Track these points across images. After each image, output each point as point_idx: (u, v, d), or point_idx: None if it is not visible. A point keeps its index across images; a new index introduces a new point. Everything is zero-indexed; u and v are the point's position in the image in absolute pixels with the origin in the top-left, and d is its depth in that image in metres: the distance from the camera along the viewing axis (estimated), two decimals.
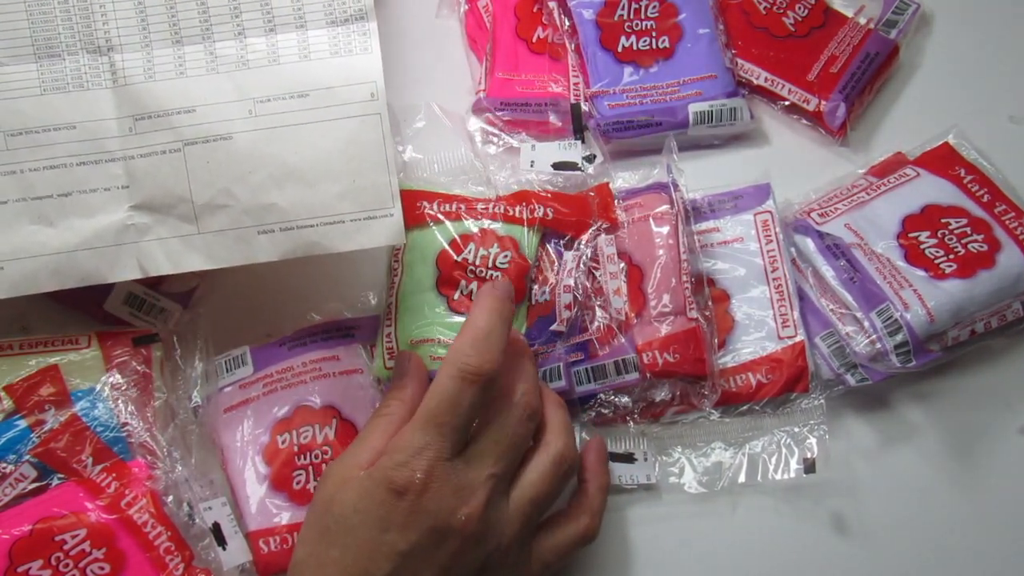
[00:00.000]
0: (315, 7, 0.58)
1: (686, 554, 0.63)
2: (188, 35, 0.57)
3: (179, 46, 0.57)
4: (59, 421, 0.57)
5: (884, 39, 0.72)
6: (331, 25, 0.58)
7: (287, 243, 0.57)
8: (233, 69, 0.57)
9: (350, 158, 0.57)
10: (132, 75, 0.57)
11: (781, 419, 0.63)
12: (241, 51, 0.57)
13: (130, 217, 0.57)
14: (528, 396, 0.55)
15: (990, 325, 0.64)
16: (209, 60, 0.57)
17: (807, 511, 0.63)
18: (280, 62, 0.57)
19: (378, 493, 0.51)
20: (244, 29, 0.57)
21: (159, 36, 0.57)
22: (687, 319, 0.62)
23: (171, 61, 0.57)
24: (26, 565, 0.54)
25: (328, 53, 0.58)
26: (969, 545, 0.63)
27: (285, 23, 0.57)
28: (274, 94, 0.57)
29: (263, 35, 0.57)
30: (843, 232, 0.65)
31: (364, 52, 0.58)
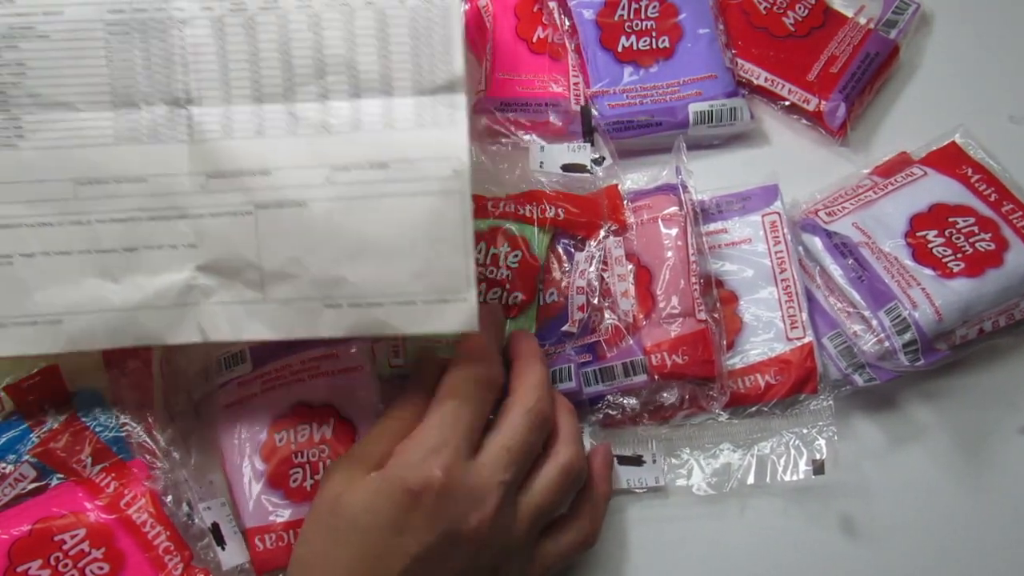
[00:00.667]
0: (403, 73, 0.54)
1: (694, 556, 0.62)
2: (269, 93, 0.54)
3: (259, 104, 0.54)
4: (58, 421, 0.57)
5: (884, 39, 0.73)
6: (418, 94, 0.54)
7: (354, 320, 0.54)
8: (313, 133, 0.54)
9: (428, 237, 0.54)
10: (209, 131, 0.54)
11: (789, 420, 0.63)
12: (323, 114, 0.54)
13: (195, 278, 0.54)
14: (541, 403, 0.55)
15: (998, 324, 0.63)
16: (289, 121, 0.54)
17: (816, 512, 0.63)
18: (362, 129, 0.54)
19: (393, 494, 0.50)
20: (328, 91, 0.54)
21: (240, 92, 0.54)
22: (696, 320, 0.61)
23: (250, 119, 0.54)
24: (25, 565, 0.53)
25: (413, 123, 0.54)
26: (978, 546, 0.63)
27: (371, 88, 0.54)
28: (353, 162, 0.54)
29: (347, 99, 0.54)
30: (851, 231, 0.65)
31: (450, 125, 0.54)
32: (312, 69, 0.53)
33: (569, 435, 0.56)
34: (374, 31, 0.53)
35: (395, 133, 0.54)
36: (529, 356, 0.57)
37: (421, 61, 0.54)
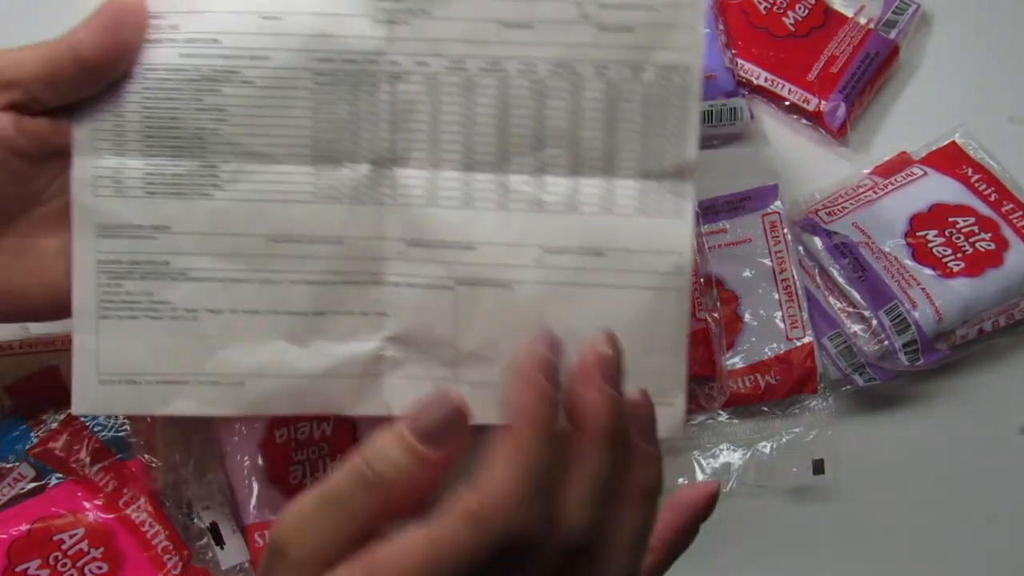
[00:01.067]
0: (629, 153, 0.48)
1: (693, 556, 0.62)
2: (481, 161, 0.48)
3: (469, 172, 0.48)
4: (58, 421, 0.57)
5: (884, 39, 0.73)
6: (643, 177, 0.48)
7: None
8: (525, 209, 0.48)
9: (640, 334, 0.48)
10: (414, 195, 0.49)
11: (789, 420, 0.63)
12: (537, 190, 0.48)
13: (384, 348, 0.49)
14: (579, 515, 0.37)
15: (998, 324, 0.63)
16: (500, 193, 0.48)
17: (816, 513, 0.63)
18: (579, 211, 0.48)
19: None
20: (545, 165, 0.48)
21: (449, 156, 0.48)
22: (696, 320, 0.61)
23: (458, 187, 0.49)
24: (24, 565, 0.53)
25: (634, 210, 0.48)
26: (978, 546, 0.63)
27: (592, 166, 0.48)
28: (566, 246, 0.48)
29: (565, 176, 0.48)
30: (851, 231, 0.65)
31: (675, 215, 0.48)
32: (530, 140, 0.48)
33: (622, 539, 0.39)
34: (603, 105, 0.48)
35: (614, 218, 0.48)
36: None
37: (651, 142, 0.48)
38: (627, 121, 0.47)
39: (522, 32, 0.47)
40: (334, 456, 0.60)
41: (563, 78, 0.47)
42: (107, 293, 0.46)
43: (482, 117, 0.47)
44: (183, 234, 0.47)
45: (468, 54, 0.47)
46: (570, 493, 0.37)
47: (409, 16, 0.46)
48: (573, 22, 0.47)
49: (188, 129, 0.46)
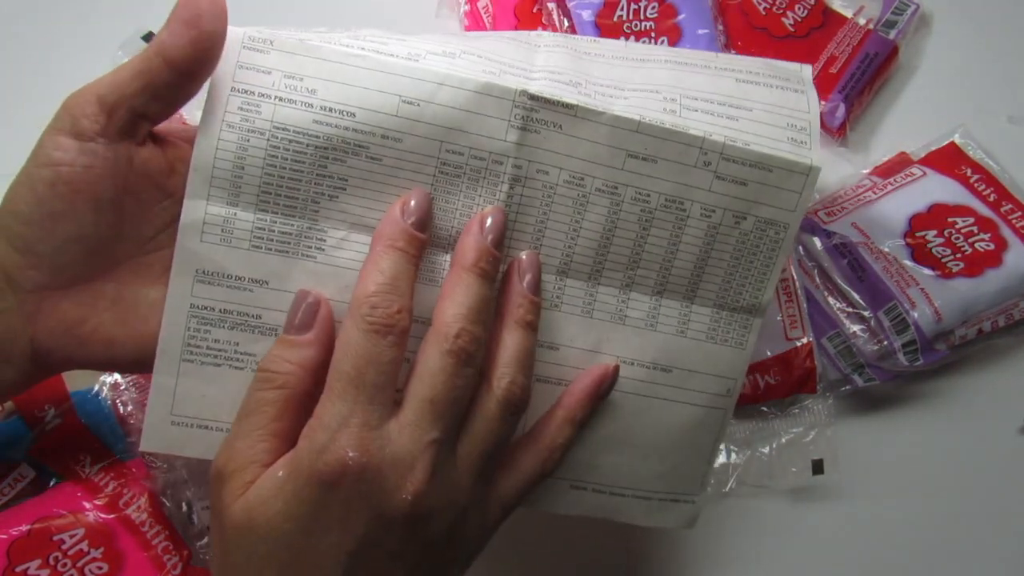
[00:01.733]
0: (711, 285, 0.52)
1: (692, 557, 0.62)
2: (576, 270, 0.51)
3: (563, 278, 0.51)
4: (58, 421, 0.57)
5: (883, 39, 0.73)
6: (718, 307, 0.52)
7: (592, 504, 0.53)
8: (607, 320, 0.51)
9: (684, 444, 0.53)
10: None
11: (789, 420, 0.63)
12: (622, 305, 0.52)
13: None
14: (462, 336, 0.44)
15: (997, 324, 0.63)
16: (587, 301, 0.51)
17: (815, 512, 0.63)
18: (656, 329, 0.52)
19: (307, 491, 0.42)
20: (633, 283, 0.51)
21: (548, 260, 0.50)
22: None
23: (550, 289, 0.51)
24: (24, 565, 0.53)
25: (704, 335, 0.53)
26: (978, 546, 0.63)
27: (675, 291, 0.52)
28: (639, 360, 0.52)
29: (649, 295, 0.51)
30: (850, 231, 0.65)
31: (738, 347, 0.53)
32: (626, 258, 0.51)
33: (509, 357, 0.47)
34: (700, 241, 0.51)
35: (685, 341, 0.52)
36: (457, 270, 0.46)
37: (732, 279, 0.52)
38: (718, 259, 0.51)
39: (645, 165, 0.49)
40: None
41: (671, 211, 0.50)
42: (194, 337, 0.47)
43: (587, 231, 0.50)
44: (279, 291, 0.47)
45: (589, 173, 0.49)
46: (446, 305, 0.45)
47: (543, 127, 0.48)
48: (694, 166, 0.49)
49: (306, 191, 0.46)
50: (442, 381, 0.44)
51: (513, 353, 0.47)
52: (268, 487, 0.42)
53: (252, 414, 0.44)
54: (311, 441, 0.42)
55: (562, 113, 0.47)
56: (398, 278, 0.44)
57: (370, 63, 0.45)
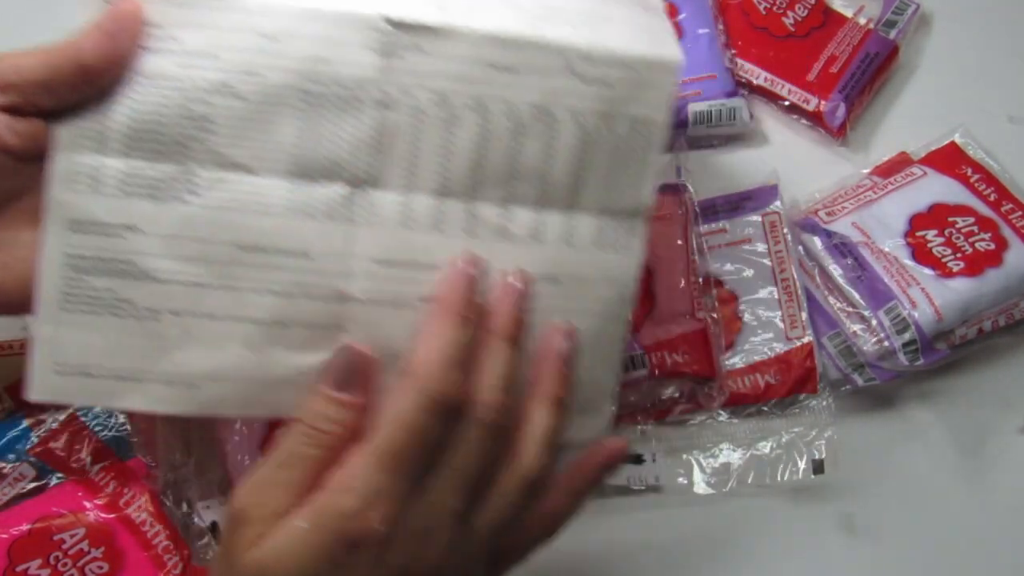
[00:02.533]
0: (592, 191, 0.52)
1: (694, 556, 0.62)
2: (454, 190, 0.51)
3: (441, 198, 0.50)
4: (58, 420, 0.57)
5: (884, 39, 0.73)
6: (601, 214, 0.52)
7: None
8: (491, 237, 0.51)
9: (585, 354, 0.52)
10: (386, 216, 0.51)
11: (789, 420, 0.63)
12: (504, 220, 0.51)
13: None
14: (496, 398, 0.45)
15: (997, 323, 0.63)
16: (468, 220, 0.51)
17: (816, 512, 0.63)
18: (541, 241, 0.52)
19: (327, 549, 0.42)
20: (513, 197, 0.51)
21: (424, 183, 0.50)
22: (695, 320, 0.61)
23: (429, 212, 0.51)
24: (25, 564, 0.53)
25: (591, 243, 0.52)
26: (978, 546, 0.63)
27: (557, 199, 0.51)
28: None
29: (530, 208, 0.51)
30: (850, 231, 0.65)
31: (626, 250, 0.53)
32: (503, 174, 0.51)
33: (535, 436, 0.47)
34: (573, 148, 0.51)
35: (572, 251, 0.52)
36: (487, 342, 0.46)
37: (612, 184, 0.52)
38: (595, 165, 0.51)
39: (509, 76, 0.49)
40: None
41: (542, 121, 0.50)
42: (71, 286, 0.47)
43: (460, 150, 0.50)
44: (152, 236, 0.47)
45: (455, 91, 0.49)
46: (482, 377, 0.45)
47: (405, 51, 0.48)
48: (558, 72, 0.49)
49: (172, 135, 0.46)
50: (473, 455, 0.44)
51: (543, 432, 0.47)
52: (287, 541, 0.42)
53: (289, 467, 0.44)
54: (341, 503, 0.42)
55: (424, 35, 0.47)
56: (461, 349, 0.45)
57: (226, 4, 0.46)
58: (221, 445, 0.61)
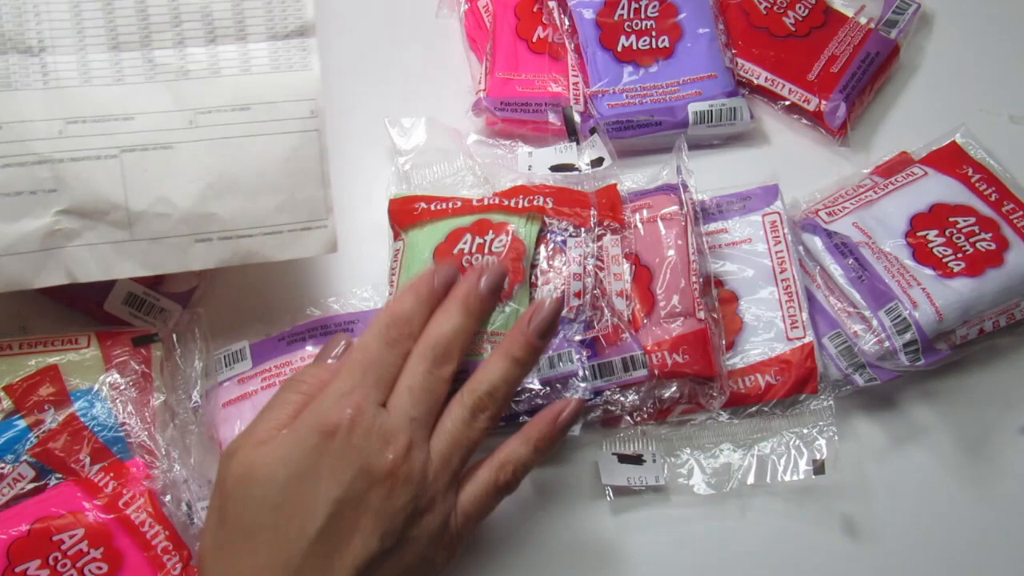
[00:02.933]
0: (256, 20, 0.58)
1: (694, 556, 0.62)
2: (126, 41, 0.56)
3: (116, 52, 0.56)
4: (58, 421, 0.57)
5: (884, 39, 0.73)
6: (271, 39, 0.58)
7: (224, 252, 0.58)
8: (173, 79, 0.57)
9: (289, 172, 0.58)
10: (65, 78, 0.56)
11: (790, 420, 0.63)
12: (181, 61, 0.57)
13: (57, 222, 0.56)
14: (443, 339, 0.54)
15: (998, 323, 0.63)
16: (148, 68, 0.57)
17: (816, 512, 0.63)
18: (221, 74, 0.58)
19: (307, 439, 0.49)
20: (184, 39, 0.57)
21: (95, 40, 0.56)
22: (696, 320, 0.61)
23: (108, 67, 0.56)
24: (24, 565, 0.53)
25: (269, 67, 0.58)
26: (978, 545, 0.63)
27: (226, 35, 0.58)
28: (215, 106, 0.57)
29: (203, 46, 0.57)
30: (851, 231, 0.65)
31: (304, 69, 0.59)
32: (168, 18, 0.56)
33: (487, 378, 0.54)
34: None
35: (253, 77, 0.58)
36: (444, 304, 0.56)
37: (273, 9, 0.58)
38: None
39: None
40: None
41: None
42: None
43: (120, 2, 0.56)
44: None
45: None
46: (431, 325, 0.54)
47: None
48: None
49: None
50: (419, 376, 0.53)
51: (491, 375, 0.54)
52: (271, 445, 0.50)
53: (274, 408, 0.53)
54: (316, 403, 0.51)
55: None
56: (413, 314, 0.54)
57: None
58: (220, 445, 0.61)
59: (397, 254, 0.64)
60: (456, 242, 0.62)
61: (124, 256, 0.57)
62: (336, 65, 0.73)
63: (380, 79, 0.75)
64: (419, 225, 0.64)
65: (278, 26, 0.58)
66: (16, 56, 0.55)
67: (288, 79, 0.58)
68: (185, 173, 0.57)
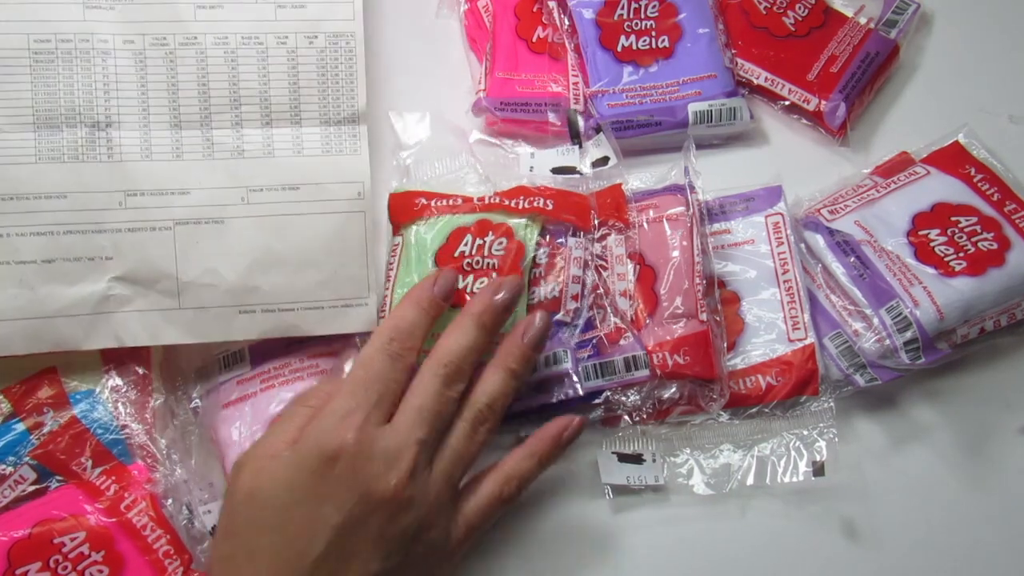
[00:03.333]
0: (311, 106, 0.61)
1: (694, 556, 0.62)
2: (187, 121, 0.60)
3: (177, 130, 0.60)
4: (58, 423, 0.57)
5: (884, 39, 0.72)
6: (324, 124, 0.62)
7: (266, 323, 0.60)
8: (228, 157, 0.60)
9: (334, 251, 0.61)
10: (128, 152, 0.59)
11: (790, 422, 0.63)
12: (238, 141, 0.60)
13: (111, 288, 0.59)
14: (456, 357, 0.54)
15: (999, 323, 0.63)
16: (206, 146, 0.60)
17: (816, 514, 0.62)
18: (274, 155, 0.61)
19: (309, 462, 0.50)
20: (242, 120, 0.60)
21: (158, 118, 0.59)
22: (698, 322, 0.61)
23: (168, 143, 0.59)
24: (25, 567, 0.53)
25: (320, 151, 0.61)
26: (979, 546, 0.63)
27: (281, 119, 0.61)
28: (267, 184, 0.60)
29: (259, 128, 0.61)
30: (853, 229, 0.65)
31: (354, 153, 0.62)
32: (228, 100, 0.60)
33: (485, 391, 0.55)
34: (285, 67, 0.61)
35: (304, 159, 0.61)
36: (463, 315, 0.56)
37: (327, 95, 0.62)
38: (306, 79, 0.62)
39: (214, 12, 0.60)
40: None
41: (251, 47, 0.60)
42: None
43: (184, 83, 0.60)
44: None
45: (169, 32, 0.59)
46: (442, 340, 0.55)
47: (115, 2, 0.59)
48: (256, 2, 0.61)
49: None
50: (430, 395, 0.53)
51: (490, 389, 0.55)
52: (275, 466, 0.50)
53: (283, 422, 0.53)
54: (318, 423, 0.51)
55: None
56: (416, 325, 0.55)
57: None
58: (220, 447, 0.61)
59: (396, 249, 0.64)
60: (457, 244, 0.62)
61: (171, 324, 0.59)
62: None
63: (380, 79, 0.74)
64: (419, 221, 0.64)
65: (331, 113, 0.62)
66: (85, 130, 0.59)
67: (338, 162, 0.62)
68: (234, 247, 0.60)
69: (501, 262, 0.62)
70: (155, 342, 0.59)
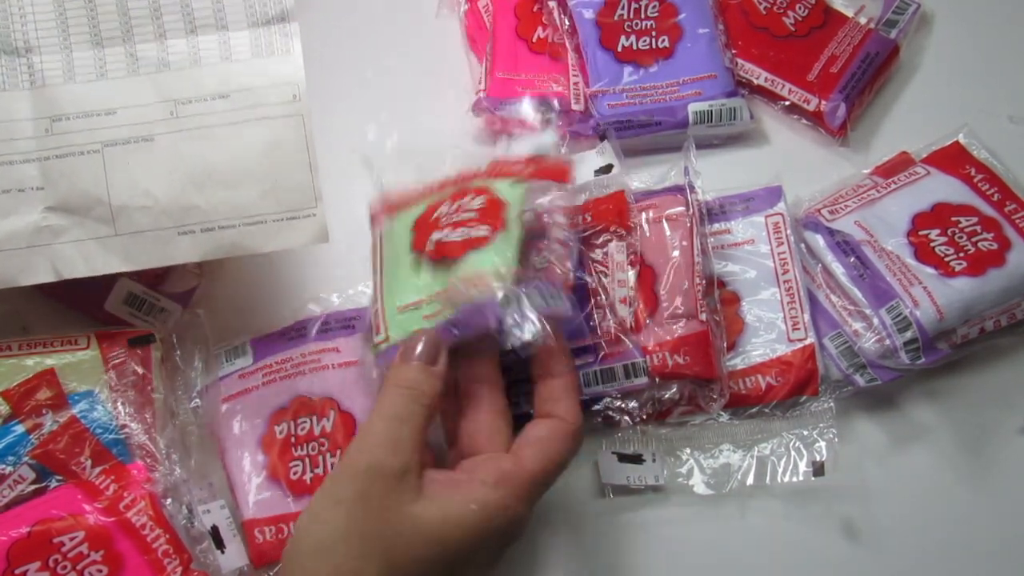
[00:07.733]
0: (235, 8, 0.58)
1: (694, 556, 0.62)
2: (108, 37, 0.57)
3: (99, 48, 0.57)
4: (58, 423, 0.57)
5: (884, 39, 0.73)
6: (252, 27, 0.58)
7: (208, 244, 0.57)
8: (154, 71, 0.57)
9: (272, 159, 0.57)
10: (51, 77, 0.57)
11: (790, 422, 0.63)
12: (162, 53, 0.58)
13: (45, 219, 0.56)
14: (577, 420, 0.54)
15: (999, 323, 0.63)
16: (130, 62, 0.57)
17: (816, 514, 0.62)
18: (201, 64, 0.58)
19: (493, 537, 0.51)
20: (165, 31, 0.58)
21: (79, 38, 0.57)
22: (698, 322, 0.61)
23: (91, 63, 0.57)
24: (24, 567, 0.53)
25: (249, 55, 0.58)
26: (979, 546, 0.63)
27: (205, 24, 0.58)
28: (195, 96, 0.57)
29: (183, 36, 0.58)
30: (853, 229, 0.65)
31: (285, 53, 0.58)
32: (148, 11, 0.57)
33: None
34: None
35: (233, 65, 0.58)
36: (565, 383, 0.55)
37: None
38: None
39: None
40: (334, 451, 0.60)
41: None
42: None
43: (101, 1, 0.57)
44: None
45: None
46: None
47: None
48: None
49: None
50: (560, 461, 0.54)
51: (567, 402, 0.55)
52: (460, 513, 0.50)
53: (407, 422, 0.51)
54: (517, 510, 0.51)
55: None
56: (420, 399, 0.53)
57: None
58: (220, 442, 0.61)
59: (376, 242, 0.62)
60: (433, 212, 0.60)
61: (108, 251, 0.56)
62: (337, 64, 0.73)
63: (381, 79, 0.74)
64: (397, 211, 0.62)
65: (258, 13, 0.58)
66: (4, 58, 0.57)
67: (269, 64, 0.58)
68: (165, 165, 0.57)
69: (479, 213, 0.58)
70: (93, 272, 0.56)
